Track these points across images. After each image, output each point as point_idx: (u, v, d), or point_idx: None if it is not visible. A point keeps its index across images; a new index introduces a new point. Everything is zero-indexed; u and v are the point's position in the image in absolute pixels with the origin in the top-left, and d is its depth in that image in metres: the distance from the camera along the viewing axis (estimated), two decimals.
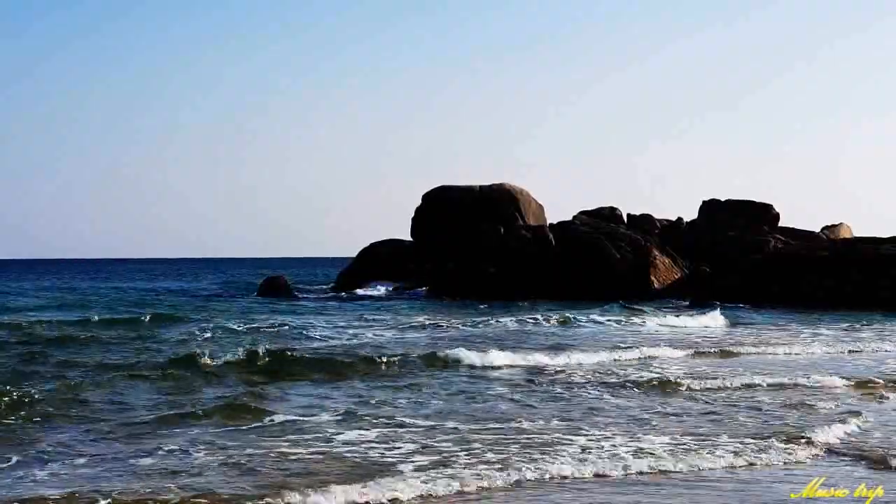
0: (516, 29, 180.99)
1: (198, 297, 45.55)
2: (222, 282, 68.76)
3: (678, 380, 15.62)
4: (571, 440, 10.70)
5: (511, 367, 17.87)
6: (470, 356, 18.45)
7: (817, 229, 53.09)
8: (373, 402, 13.50)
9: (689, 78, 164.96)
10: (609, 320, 28.73)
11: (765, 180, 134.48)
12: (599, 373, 16.80)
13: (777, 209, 52.89)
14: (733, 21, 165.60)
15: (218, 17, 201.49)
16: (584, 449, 10.27)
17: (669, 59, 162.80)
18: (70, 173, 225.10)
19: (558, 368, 17.57)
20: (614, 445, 10.46)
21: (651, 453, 10.10)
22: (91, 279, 75.90)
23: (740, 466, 9.76)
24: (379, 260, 53.73)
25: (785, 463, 9.94)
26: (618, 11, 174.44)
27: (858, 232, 52.44)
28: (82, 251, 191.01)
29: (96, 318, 28.43)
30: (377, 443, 10.57)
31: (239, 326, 25.87)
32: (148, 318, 28.35)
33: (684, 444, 10.58)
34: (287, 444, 10.48)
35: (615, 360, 19.06)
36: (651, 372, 16.81)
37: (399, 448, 10.29)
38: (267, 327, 26.05)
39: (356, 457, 9.89)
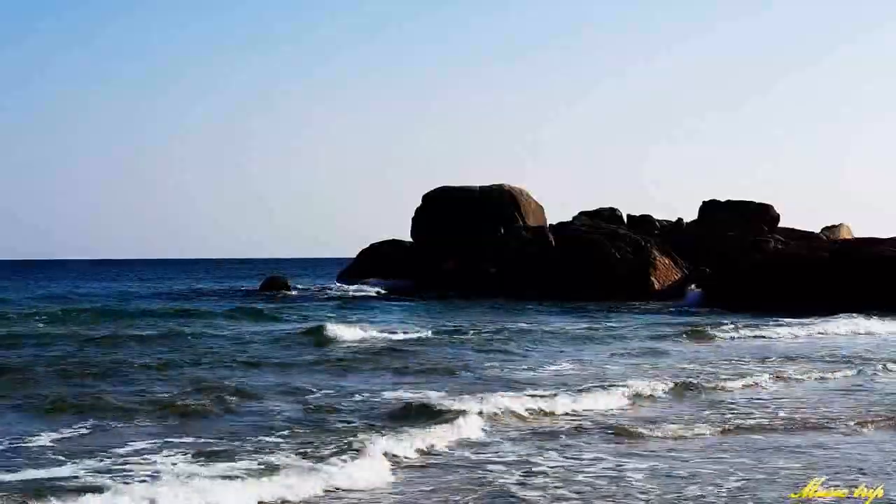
0: (520, 30, 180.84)
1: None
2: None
3: None
4: None
5: None
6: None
7: (817, 229, 53.07)
8: None
9: (690, 79, 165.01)
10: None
11: (765, 180, 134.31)
12: None
13: (777, 209, 52.93)
14: (736, 23, 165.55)
15: (228, 18, 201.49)
16: None
17: (670, 61, 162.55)
18: (81, 174, 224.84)
19: None
20: None
21: None
22: (134, 282, 72.75)
23: None
24: (379, 259, 53.85)
25: None
26: (620, 13, 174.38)
27: (858, 232, 52.45)
28: (93, 252, 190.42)
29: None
30: None
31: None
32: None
33: None
34: None
35: None
36: None
37: None
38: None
39: None
